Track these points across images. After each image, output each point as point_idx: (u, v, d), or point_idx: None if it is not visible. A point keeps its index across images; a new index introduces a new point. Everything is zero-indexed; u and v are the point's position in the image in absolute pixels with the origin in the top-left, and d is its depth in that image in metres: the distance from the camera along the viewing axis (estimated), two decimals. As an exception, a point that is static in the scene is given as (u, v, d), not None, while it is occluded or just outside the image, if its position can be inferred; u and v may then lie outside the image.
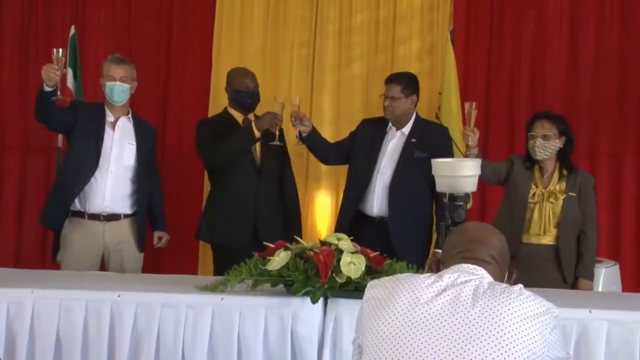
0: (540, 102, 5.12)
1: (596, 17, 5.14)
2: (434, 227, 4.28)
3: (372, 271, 2.79)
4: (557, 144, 3.95)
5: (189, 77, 5.39)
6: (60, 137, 4.84)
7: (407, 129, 4.29)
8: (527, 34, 5.21)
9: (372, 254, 2.85)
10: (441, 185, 3.34)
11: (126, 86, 4.03)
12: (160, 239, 4.32)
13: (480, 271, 1.96)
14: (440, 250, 3.99)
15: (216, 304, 2.80)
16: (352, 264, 2.74)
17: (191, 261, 5.21)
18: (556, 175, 3.98)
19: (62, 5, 5.41)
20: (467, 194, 3.29)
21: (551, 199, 3.92)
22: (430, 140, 4.21)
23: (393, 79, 4.29)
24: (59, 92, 3.73)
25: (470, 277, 1.93)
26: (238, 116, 4.36)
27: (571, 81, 5.17)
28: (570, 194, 3.92)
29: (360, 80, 5.32)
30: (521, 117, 5.08)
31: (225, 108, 4.41)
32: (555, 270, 3.90)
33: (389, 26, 5.31)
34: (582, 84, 5.15)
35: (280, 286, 2.82)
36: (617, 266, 4.49)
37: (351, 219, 4.21)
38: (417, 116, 4.34)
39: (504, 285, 1.93)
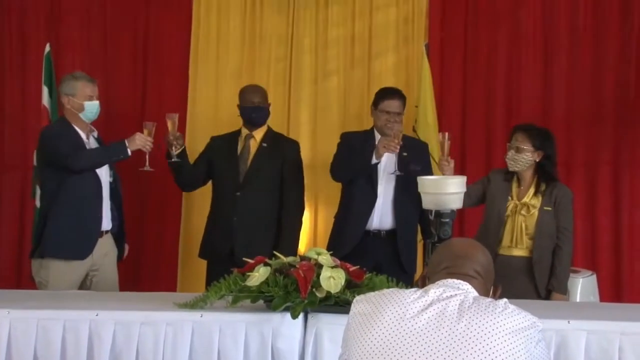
0: (515, 114, 5.16)
1: (569, 30, 5.18)
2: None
3: (352, 285, 2.77)
4: (529, 157, 3.94)
5: (166, 94, 5.37)
6: (36, 155, 4.79)
7: None
8: (501, 47, 5.25)
9: (352, 268, 2.84)
10: (427, 203, 3.42)
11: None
12: (124, 250, 4.31)
13: (466, 286, 1.98)
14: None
15: (196, 321, 2.77)
16: (332, 279, 2.73)
17: (171, 275, 5.21)
18: (532, 188, 3.98)
19: (36, 22, 5.39)
20: (452, 211, 3.38)
21: (523, 212, 3.92)
22: (416, 155, 4.24)
23: (400, 95, 4.30)
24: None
25: (456, 291, 1.94)
26: (244, 131, 4.44)
27: (546, 93, 5.20)
28: (546, 208, 3.92)
29: (337, 94, 5.34)
30: (498, 130, 5.15)
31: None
32: (528, 282, 3.89)
33: (365, 40, 5.33)
34: (556, 95, 5.18)
35: (260, 302, 2.80)
36: (594, 276, 4.50)
37: (362, 234, 4.19)
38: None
39: (488, 299, 1.95)
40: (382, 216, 4.21)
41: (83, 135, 4.03)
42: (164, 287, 5.01)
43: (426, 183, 3.46)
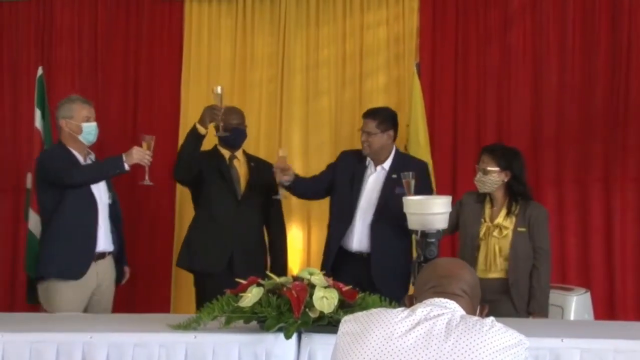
0: (506, 132, 5.19)
1: (558, 48, 5.21)
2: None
3: (345, 305, 2.79)
4: (496, 178, 3.92)
5: (157, 115, 5.40)
6: (29, 178, 4.82)
7: (387, 164, 4.29)
8: (491, 66, 5.26)
9: (345, 288, 2.85)
10: (413, 223, 3.43)
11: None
12: (124, 272, 4.35)
13: (452, 305, 2.00)
14: None
15: (189, 342, 2.78)
16: (325, 299, 2.74)
17: (163, 293, 5.22)
18: (504, 209, 3.95)
19: (27, 45, 5.42)
20: (438, 231, 3.37)
21: (495, 234, 3.89)
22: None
23: (369, 114, 4.29)
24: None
25: (443, 310, 1.96)
26: (225, 152, 4.47)
27: (536, 111, 5.22)
28: (520, 229, 3.89)
29: (329, 114, 5.36)
30: (488, 148, 5.18)
31: (215, 145, 4.50)
32: (507, 303, 3.84)
33: (356, 60, 5.35)
34: (547, 113, 5.20)
35: (254, 322, 2.81)
36: (589, 294, 4.48)
37: (336, 254, 4.22)
38: (397, 151, 4.35)
39: (475, 318, 1.96)
40: (361, 239, 4.22)
41: (80, 157, 4.05)
42: (157, 305, 5.07)
43: (411, 203, 3.47)
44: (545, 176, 5.16)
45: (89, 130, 4.04)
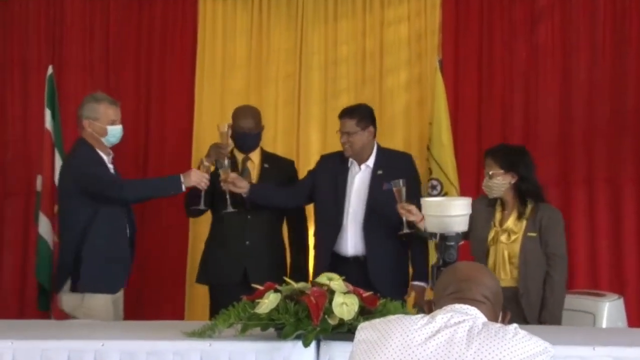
0: (533, 130, 5.15)
1: (588, 43, 5.16)
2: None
3: (366, 312, 2.76)
4: (501, 181, 3.83)
5: (171, 114, 5.39)
6: (39, 180, 4.83)
7: (370, 162, 4.26)
8: (517, 62, 5.20)
9: (366, 294, 2.83)
10: (431, 225, 3.38)
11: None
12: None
13: (474, 311, 1.98)
14: (416, 283, 4.09)
15: (204, 350, 2.76)
16: (345, 305, 2.71)
17: (177, 303, 5.21)
18: (514, 213, 3.86)
19: (37, 42, 5.41)
20: (458, 234, 3.30)
21: (503, 238, 3.81)
22: (395, 171, 4.10)
23: (346, 113, 4.25)
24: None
25: (464, 317, 1.94)
26: (239, 154, 4.46)
27: (565, 108, 5.15)
28: (530, 234, 3.77)
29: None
30: (515, 146, 5.13)
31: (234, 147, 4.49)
32: (517, 313, 3.65)
33: (376, 57, 5.31)
34: (576, 110, 5.14)
35: (271, 330, 2.79)
36: (622, 300, 4.32)
37: (329, 260, 4.18)
38: (379, 147, 4.32)
39: (498, 325, 1.94)
40: (355, 242, 4.19)
41: (106, 159, 4.00)
42: (169, 315, 5.03)
43: (429, 205, 3.44)
44: (575, 175, 5.12)
45: (114, 134, 4.00)
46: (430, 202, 3.49)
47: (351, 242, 4.19)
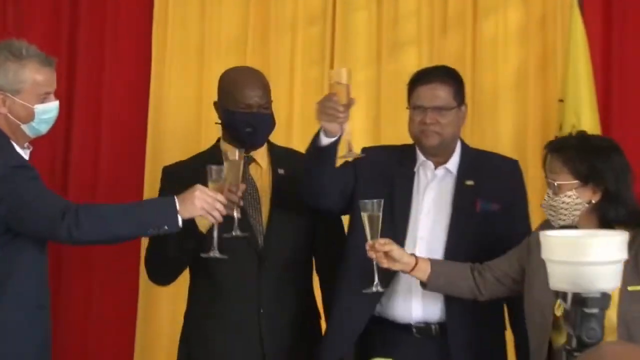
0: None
1: None
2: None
3: None
4: (574, 200, 2.91)
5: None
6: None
7: (452, 164, 3.22)
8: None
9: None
10: (559, 279, 2.51)
11: None
12: None
13: None
14: None
15: None
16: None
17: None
18: None
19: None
20: (604, 295, 2.45)
21: None
22: (494, 183, 3.17)
23: (435, 76, 3.20)
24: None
25: None
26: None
27: None
28: (631, 288, 2.86)
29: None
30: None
31: (218, 140, 3.35)
32: None
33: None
34: None
35: None
36: None
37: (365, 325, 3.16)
38: (463, 143, 3.32)
39: None
40: (426, 298, 3.21)
41: (23, 153, 2.88)
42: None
43: (553, 243, 2.48)
44: None
45: (46, 116, 2.85)
46: (554, 239, 2.51)
47: (415, 299, 3.13)
